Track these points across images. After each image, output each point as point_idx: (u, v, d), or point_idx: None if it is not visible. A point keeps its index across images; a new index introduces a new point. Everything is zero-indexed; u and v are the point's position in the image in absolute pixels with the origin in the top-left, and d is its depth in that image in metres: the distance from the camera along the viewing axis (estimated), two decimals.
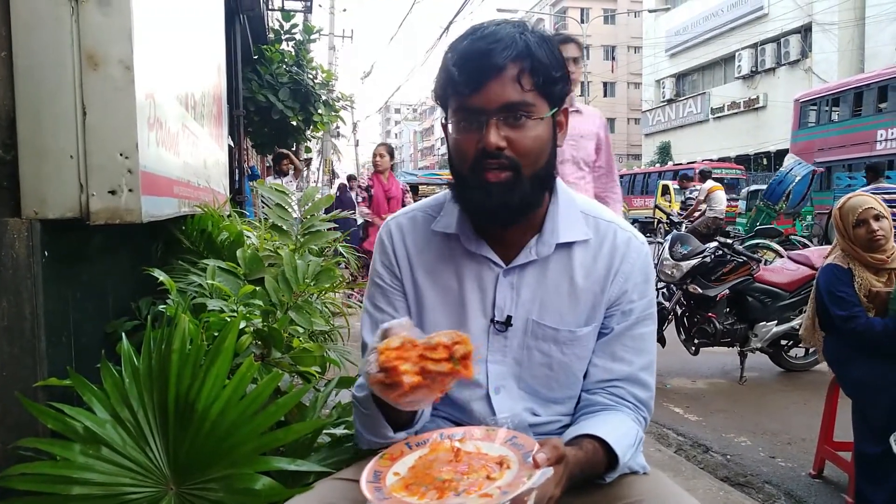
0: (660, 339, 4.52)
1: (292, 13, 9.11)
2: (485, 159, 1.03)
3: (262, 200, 2.85)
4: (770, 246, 7.31)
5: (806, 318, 2.85)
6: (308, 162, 14.30)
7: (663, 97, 34.40)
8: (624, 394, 1.14)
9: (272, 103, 8.05)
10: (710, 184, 10.59)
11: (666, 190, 19.84)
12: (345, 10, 26.55)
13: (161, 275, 1.68)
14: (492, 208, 1.05)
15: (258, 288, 1.90)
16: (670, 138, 32.76)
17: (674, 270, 4.46)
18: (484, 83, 1.01)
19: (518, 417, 1.13)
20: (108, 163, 1.33)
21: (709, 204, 10.31)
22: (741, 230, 12.44)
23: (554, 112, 1.08)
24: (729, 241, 4.63)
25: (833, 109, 18.36)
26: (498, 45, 1.01)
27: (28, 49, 1.28)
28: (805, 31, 24.65)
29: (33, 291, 1.26)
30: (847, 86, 18.05)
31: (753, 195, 15.11)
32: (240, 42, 6.47)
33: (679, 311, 4.65)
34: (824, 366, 3.05)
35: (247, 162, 9.36)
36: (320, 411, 1.47)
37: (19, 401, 1.22)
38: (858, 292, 2.52)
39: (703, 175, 11.14)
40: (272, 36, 8.87)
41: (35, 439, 1.22)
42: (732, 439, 3.42)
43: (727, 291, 4.40)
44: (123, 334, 1.40)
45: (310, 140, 12.12)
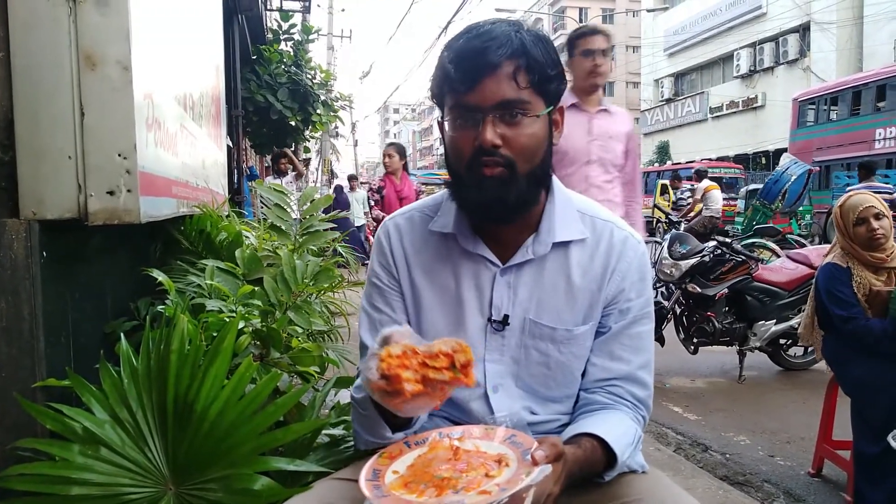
0: (659, 339, 4.52)
1: (291, 13, 9.11)
2: (481, 157, 1.03)
3: (261, 200, 2.85)
4: (766, 245, 7.31)
5: (805, 317, 2.85)
6: (307, 162, 14.31)
7: (662, 97, 34.39)
8: (622, 392, 1.14)
9: (271, 103, 8.05)
10: (707, 183, 10.60)
11: (665, 189, 19.84)
12: (343, 10, 26.48)
13: (160, 275, 1.68)
14: (487, 203, 1.05)
15: (257, 288, 1.90)
16: (669, 138, 32.75)
17: (673, 270, 4.46)
18: (479, 81, 1.02)
19: (517, 416, 1.13)
20: (107, 163, 1.33)
21: (705, 203, 10.32)
22: (738, 229, 12.44)
23: (550, 110, 1.08)
24: (728, 241, 4.63)
25: (831, 108, 18.37)
26: (493, 43, 1.01)
27: (26, 49, 1.28)
28: (803, 31, 24.66)
29: (32, 292, 1.26)
30: (845, 85, 18.05)
31: (752, 194, 15.11)
32: (238, 42, 6.47)
33: (678, 311, 4.65)
34: (823, 365, 3.06)
35: (245, 162, 9.36)
36: (319, 411, 1.48)
37: (18, 401, 1.22)
38: (857, 291, 2.52)
39: (700, 174, 11.15)
40: (271, 36, 8.87)
41: (34, 440, 1.22)
42: (731, 438, 3.42)
43: (726, 290, 4.40)
44: (122, 335, 1.40)
45: (308, 140, 12.11)
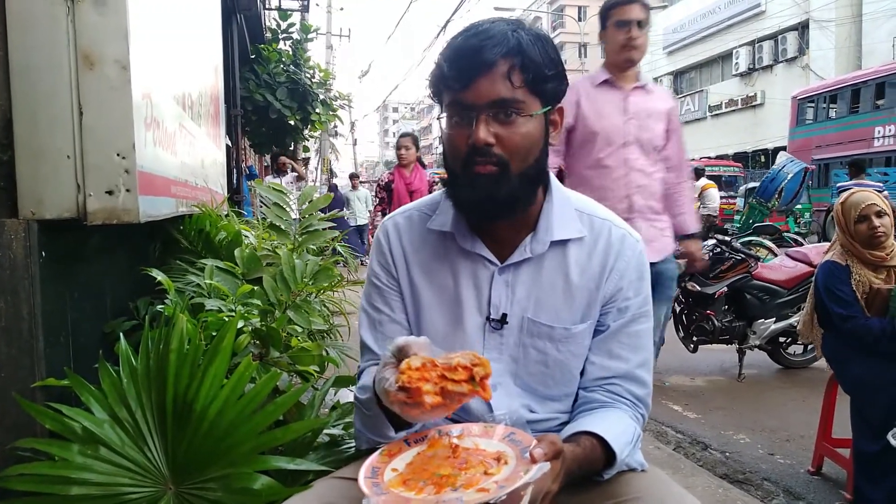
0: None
1: (289, 12, 9.13)
2: (475, 155, 1.03)
3: (260, 200, 2.85)
4: (763, 243, 7.32)
5: (804, 314, 2.85)
6: (306, 161, 14.30)
7: None
8: (621, 391, 1.14)
9: (269, 102, 8.06)
10: (704, 181, 10.61)
11: None
12: (342, 9, 26.31)
13: (159, 275, 1.68)
14: (478, 200, 1.06)
15: (256, 287, 1.90)
16: None
17: None
18: (474, 79, 1.02)
19: (516, 414, 1.13)
20: (105, 163, 1.33)
21: (702, 202, 10.34)
22: (737, 227, 12.43)
23: (547, 110, 1.08)
24: (727, 239, 4.63)
25: (830, 106, 18.37)
26: (489, 42, 1.02)
27: (24, 49, 1.28)
28: (802, 29, 24.64)
29: (31, 292, 1.26)
30: (844, 83, 18.05)
31: (751, 192, 15.12)
32: (237, 41, 6.47)
33: (678, 309, 4.65)
34: (823, 363, 3.06)
35: (244, 161, 9.36)
36: (319, 410, 1.48)
37: (17, 401, 1.22)
38: (856, 290, 2.51)
39: (697, 173, 11.17)
40: (269, 35, 8.87)
41: (33, 440, 1.22)
42: (731, 436, 3.43)
43: (725, 289, 4.40)
44: (121, 334, 1.40)
45: (307, 139, 12.11)
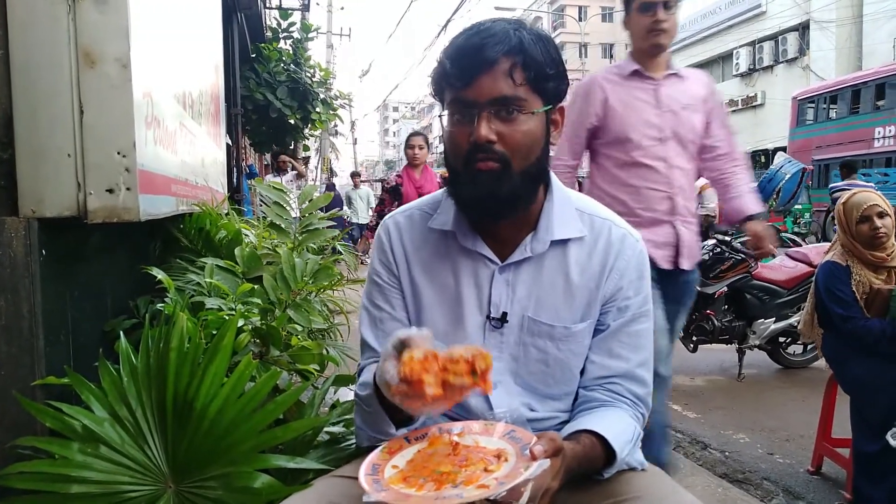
0: None
1: (290, 11, 9.11)
2: (476, 152, 1.04)
3: (261, 199, 2.85)
4: None
5: (805, 314, 2.85)
6: (306, 160, 14.30)
7: None
8: (621, 390, 1.15)
9: (270, 101, 8.05)
10: (702, 182, 10.61)
11: None
12: (342, 9, 26.25)
13: (159, 273, 1.68)
14: (479, 198, 1.06)
15: (256, 286, 1.90)
16: None
17: None
18: (476, 76, 1.03)
19: (516, 412, 1.13)
20: (106, 161, 1.33)
21: (701, 202, 10.34)
22: (735, 227, 12.40)
23: (548, 109, 1.08)
24: (727, 239, 4.63)
25: (831, 107, 18.36)
26: (491, 40, 1.02)
27: (25, 47, 1.28)
28: (803, 29, 24.63)
29: (31, 290, 1.26)
30: (845, 83, 18.05)
31: None
32: (237, 40, 6.47)
33: None
34: (822, 363, 3.06)
35: (245, 160, 9.36)
36: (319, 409, 1.48)
37: (17, 400, 1.22)
38: (856, 290, 2.51)
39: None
40: (270, 34, 8.86)
41: (33, 438, 1.22)
42: (731, 436, 3.43)
43: (725, 289, 4.39)
44: (122, 333, 1.40)
45: (308, 138, 12.11)
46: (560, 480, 0.93)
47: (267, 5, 8.84)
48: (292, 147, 10.64)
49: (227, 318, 1.48)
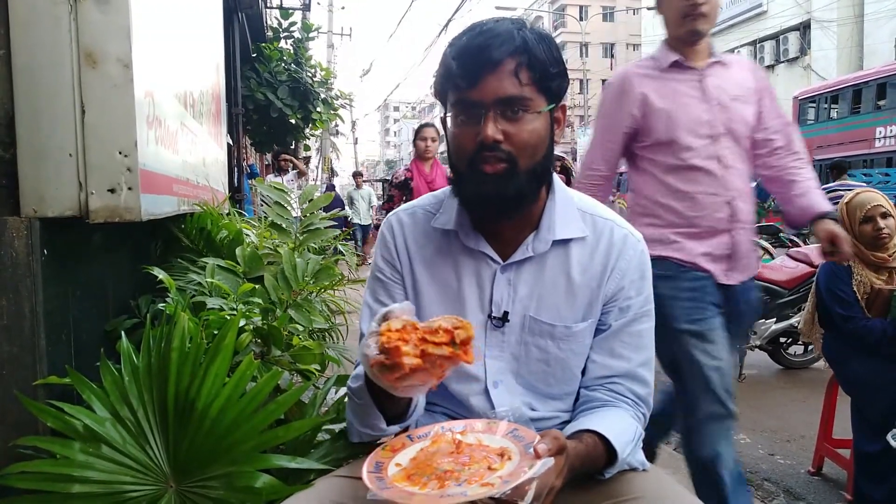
0: None
1: (291, 11, 9.11)
2: (483, 152, 1.04)
3: (262, 198, 2.85)
4: (759, 244, 7.30)
5: (806, 313, 2.85)
6: (307, 160, 14.32)
7: None
8: (623, 390, 1.15)
9: (271, 101, 8.06)
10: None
11: None
12: (343, 8, 26.24)
13: (160, 273, 1.68)
14: (487, 197, 1.06)
15: (257, 286, 1.90)
16: None
17: None
18: (482, 77, 1.03)
19: (518, 411, 1.14)
20: (107, 161, 1.33)
21: None
22: None
23: (552, 108, 1.09)
24: None
25: (832, 107, 18.37)
26: (496, 40, 1.03)
27: (26, 47, 1.28)
28: (804, 29, 24.65)
29: (33, 290, 1.26)
30: (846, 83, 18.06)
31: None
32: (238, 40, 6.47)
33: None
34: (823, 363, 3.05)
35: (246, 160, 9.36)
36: (320, 409, 1.48)
37: (19, 399, 1.22)
38: (857, 290, 2.52)
39: None
40: (271, 34, 8.86)
41: (35, 437, 1.22)
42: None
43: None
44: (123, 332, 1.40)
45: (308, 138, 12.13)
46: (563, 479, 0.93)
47: (268, 5, 8.84)
48: (293, 147, 10.64)
49: (229, 318, 1.48)
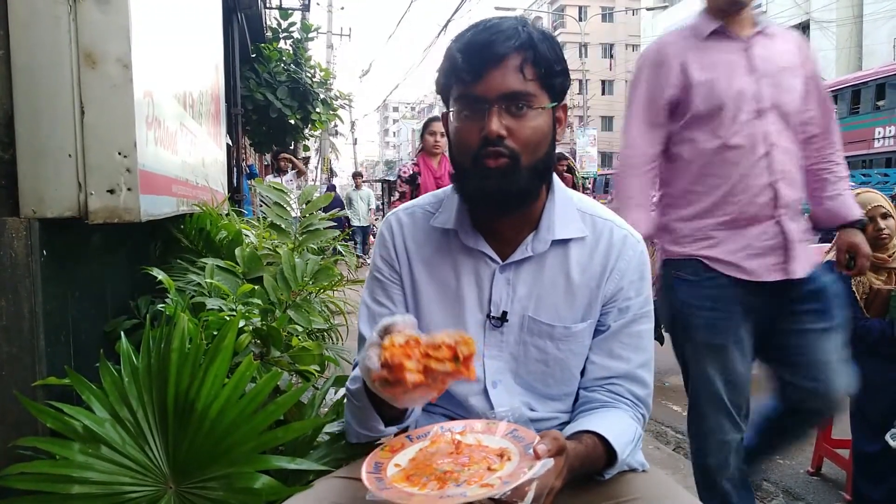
0: (658, 338, 4.51)
1: (290, 11, 9.10)
2: (486, 147, 1.04)
3: (261, 199, 2.85)
4: None
5: None
6: (307, 160, 14.32)
7: None
8: (622, 391, 1.15)
9: (270, 102, 8.05)
10: None
11: None
12: (343, 9, 26.22)
13: (160, 273, 1.68)
14: (489, 193, 1.06)
15: (257, 287, 1.90)
16: None
17: None
18: (486, 71, 1.02)
19: (518, 411, 1.13)
20: (107, 162, 1.33)
21: None
22: None
23: (554, 106, 1.08)
24: None
25: None
26: (501, 36, 1.03)
27: (26, 47, 1.27)
28: (803, 29, 24.64)
29: (32, 290, 1.26)
30: (845, 83, 18.04)
31: None
32: (238, 40, 6.47)
33: None
34: None
35: (245, 160, 9.36)
36: (319, 410, 1.48)
37: (18, 400, 1.22)
38: (856, 290, 2.52)
39: None
40: (270, 34, 8.86)
41: (34, 438, 1.22)
42: None
43: None
44: (122, 333, 1.40)
45: (308, 139, 12.12)
46: (563, 480, 0.93)
47: (267, 5, 8.83)
48: (292, 147, 10.64)
49: (228, 319, 1.48)
